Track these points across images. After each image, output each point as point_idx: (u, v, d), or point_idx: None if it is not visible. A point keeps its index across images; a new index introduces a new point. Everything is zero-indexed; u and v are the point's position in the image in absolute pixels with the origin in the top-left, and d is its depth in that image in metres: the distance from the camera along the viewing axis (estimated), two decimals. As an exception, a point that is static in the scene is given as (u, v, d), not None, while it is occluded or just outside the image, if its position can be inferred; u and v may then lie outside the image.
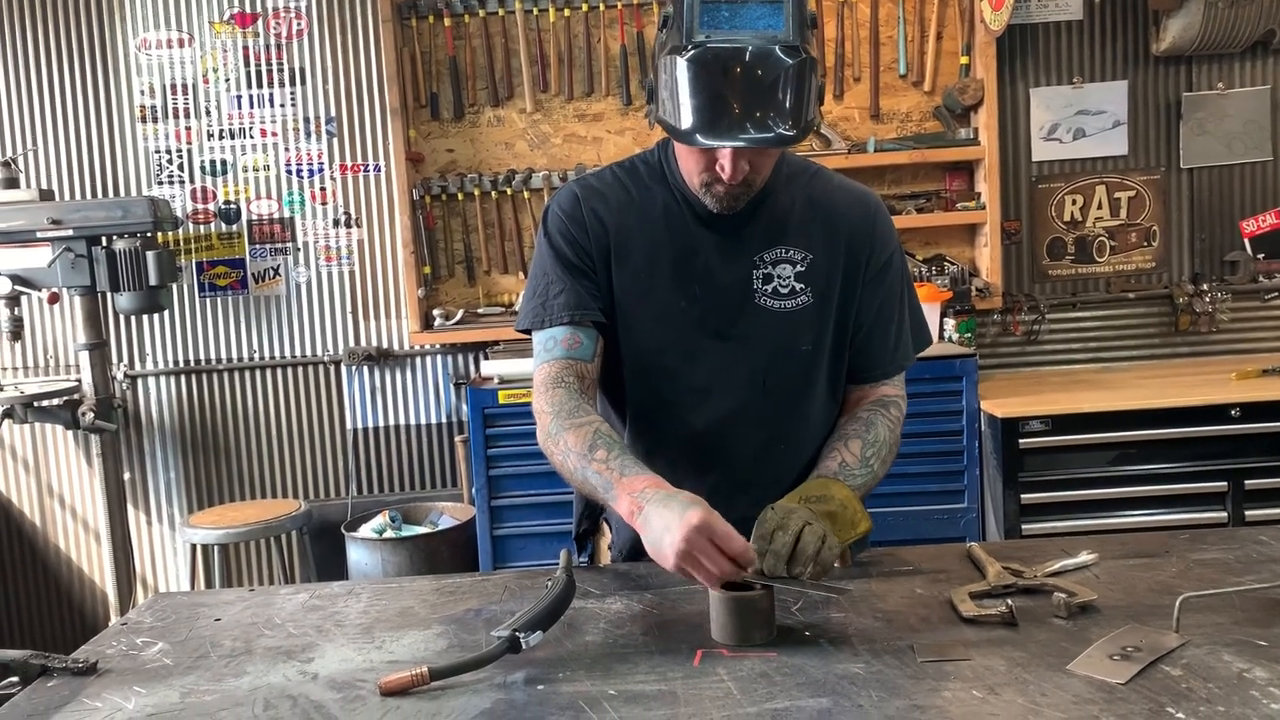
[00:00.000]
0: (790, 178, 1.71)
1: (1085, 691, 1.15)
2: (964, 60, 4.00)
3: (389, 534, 3.70)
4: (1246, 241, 4.10)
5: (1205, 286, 4.07)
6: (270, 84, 4.06)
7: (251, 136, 4.07)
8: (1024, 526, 3.41)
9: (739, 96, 1.45)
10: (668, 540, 1.35)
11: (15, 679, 1.36)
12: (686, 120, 1.47)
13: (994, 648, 1.28)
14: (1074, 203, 4.11)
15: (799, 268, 1.68)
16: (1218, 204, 4.12)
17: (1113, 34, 4.05)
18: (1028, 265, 4.13)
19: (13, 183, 3.70)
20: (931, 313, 3.73)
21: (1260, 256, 4.09)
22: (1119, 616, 1.37)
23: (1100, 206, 4.11)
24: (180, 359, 4.13)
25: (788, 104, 1.46)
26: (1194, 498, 3.41)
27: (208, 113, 4.06)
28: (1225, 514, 3.39)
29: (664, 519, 1.37)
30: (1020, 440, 3.39)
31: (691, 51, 1.45)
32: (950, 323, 3.84)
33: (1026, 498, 3.41)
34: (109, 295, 3.71)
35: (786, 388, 1.71)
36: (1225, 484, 3.39)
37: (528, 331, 1.71)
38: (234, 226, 4.09)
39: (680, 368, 1.70)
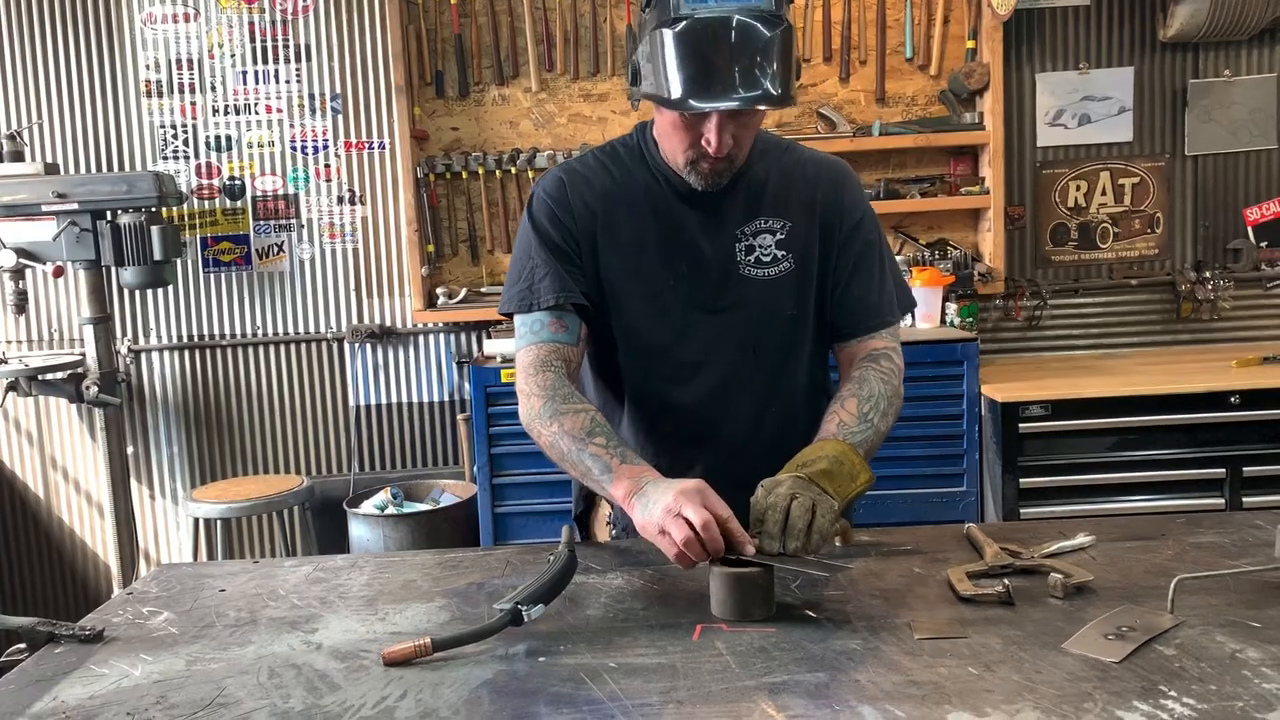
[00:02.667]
0: (763, 153, 1.77)
1: (1080, 669, 1.16)
2: (970, 44, 3.99)
3: (390, 510, 3.72)
4: (1250, 229, 4.10)
5: (1208, 274, 4.07)
6: (275, 60, 4.05)
7: (256, 112, 4.07)
8: (1022, 511, 3.43)
9: (727, 62, 1.50)
10: (660, 506, 1.39)
11: (23, 646, 1.38)
12: (677, 90, 1.52)
13: (990, 626, 1.30)
14: (1078, 188, 4.11)
15: (779, 235, 1.74)
16: (1222, 191, 4.11)
17: (1120, 20, 4.04)
18: (1031, 250, 4.14)
19: (18, 156, 3.71)
20: (934, 297, 3.74)
21: (1263, 244, 4.10)
22: (1115, 597, 1.39)
23: (1104, 193, 4.11)
24: (184, 334, 4.14)
25: (774, 68, 1.51)
26: (1192, 484, 3.43)
27: (213, 88, 4.06)
28: (1223, 500, 3.40)
29: (660, 493, 1.42)
30: (1020, 425, 3.40)
31: (680, 24, 1.50)
32: (952, 307, 3.84)
33: (1025, 482, 3.43)
34: (113, 270, 3.71)
35: (775, 353, 1.77)
36: (1224, 470, 3.40)
37: (509, 315, 1.75)
38: (238, 202, 4.10)
39: (673, 344, 1.74)
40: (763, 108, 1.55)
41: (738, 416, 1.77)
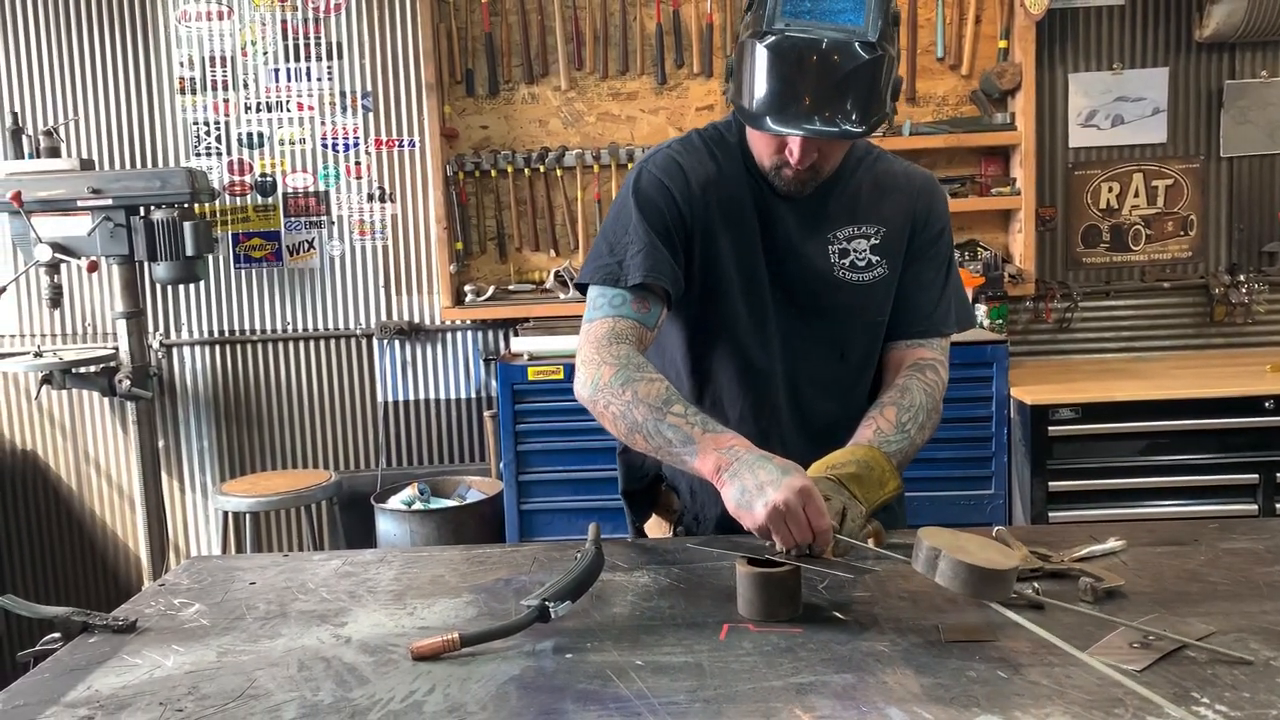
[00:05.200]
0: (858, 160, 1.76)
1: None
2: (1002, 44, 3.97)
3: (418, 506, 3.74)
4: (1286, 232, 4.05)
5: (1242, 277, 4.02)
6: (307, 58, 4.08)
7: (288, 110, 4.10)
8: (1051, 514, 3.40)
9: (810, 87, 1.49)
10: (763, 497, 1.35)
11: (58, 635, 1.40)
12: (757, 104, 1.52)
13: (1019, 630, 1.29)
14: (1110, 190, 4.07)
15: (873, 241, 1.73)
16: (1257, 194, 4.06)
17: (1155, 20, 4.00)
18: (1062, 252, 4.10)
19: (54, 152, 3.75)
20: (963, 298, 3.71)
21: (1300, 248, 4.05)
22: (1146, 602, 1.37)
23: (1137, 194, 4.07)
24: (215, 329, 4.18)
25: (858, 99, 1.49)
26: (1224, 489, 3.39)
27: (245, 86, 4.10)
28: (1256, 506, 3.36)
29: (759, 477, 1.38)
30: (1050, 428, 3.38)
31: (770, 38, 1.48)
32: (982, 309, 3.82)
33: (1055, 485, 3.40)
34: (146, 265, 3.75)
35: (861, 357, 1.78)
36: (1257, 476, 3.36)
37: (583, 288, 1.70)
38: (270, 199, 4.13)
39: (765, 340, 1.73)
40: (835, 139, 1.54)
41: (817, 418, 1.76)
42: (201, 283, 4.08)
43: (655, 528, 1.94)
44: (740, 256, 1.71)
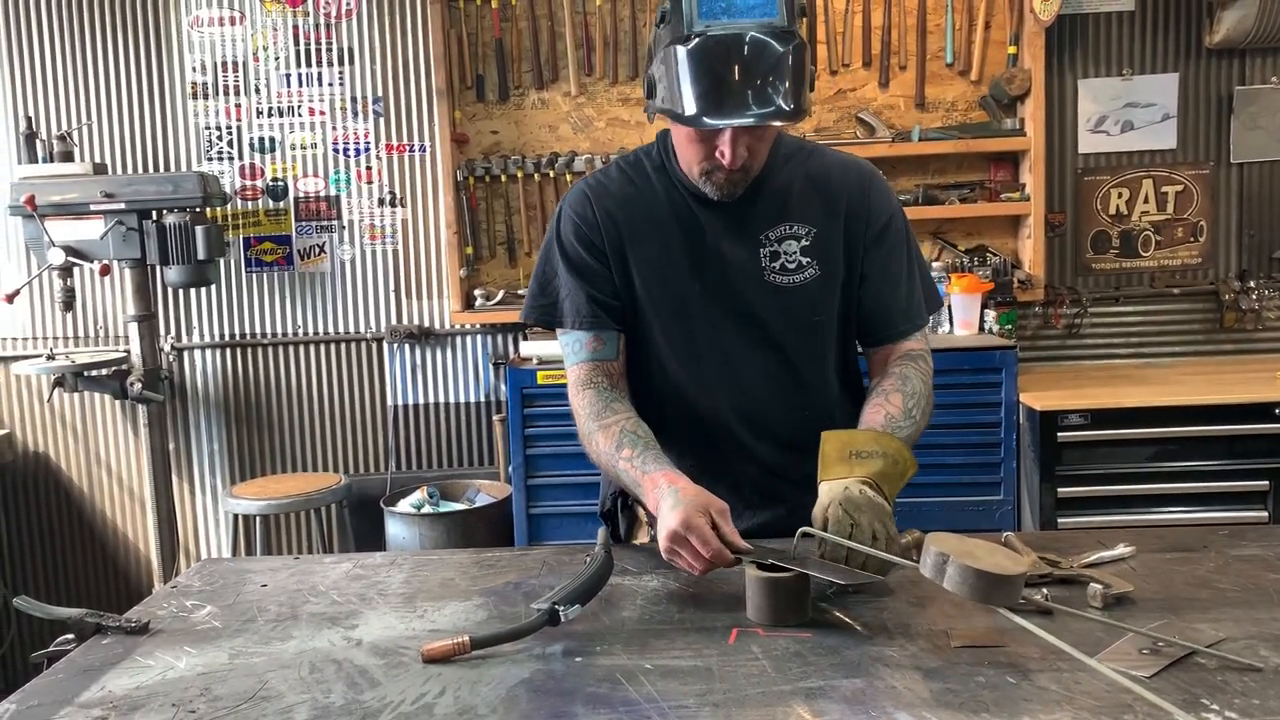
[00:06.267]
0: (788, 157, 1.77)
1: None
2: (1012, 50, 3.97)
3: (427, 509, 3.75)
4: (1296, 239, 4.04)
5: (1252, 284, 4.02)
6: (319, 63, 4.10)
7: (299, 115, 4.12)
8: (1060, 520, 3.39)
9: (740, 79, 1.52)
10: (661, 532, 1.45)
11: (71, 636, 1.41)
12: (691, 106, 1.54)
13: (1028, 635, 1.29)
14: (1120, 196, 4.06)
15: (804, 242, 1.74)
16: (1267, 200, 4.05)
17: (1164, 26, 4.00)
18: (1071, 258, 4.10)
19: (68, 156, 3.78)
20: (972, 304, 3.71)
21: (1310, 254, 4.03)
22: (1155, 609, 1.38)
23: (1147, 200, 4.06)
24: (226, 333, 4.20)
25: (786, 84, 1.53)
26: (1234, 496, 3.38)
27: (257, 90, 4.12)
28: (1266, 513, 3.35)
29: (662, 512, 1.47)
30: (1059, 434, 3.37)
31: (694, 41, 1.53)
32: (991, 314, 3.81)
33: (1063, 491, 3.39)
34: (158, 268, 3.77)
35: (803, 358, 1.78)
36: (1266, 483, 3.35)
37: (528, 324, 1.81)
38: (281, 203, 4.15)
39: (702, 350, 1.76)
40: (776, 123, 1.57)
41: (769, 421, 1.78)
42: (213, 286, 4.10)
43: (645, 534, 1.96)
44: (663, 271, 1.74)
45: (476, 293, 4.08)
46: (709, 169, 1.65)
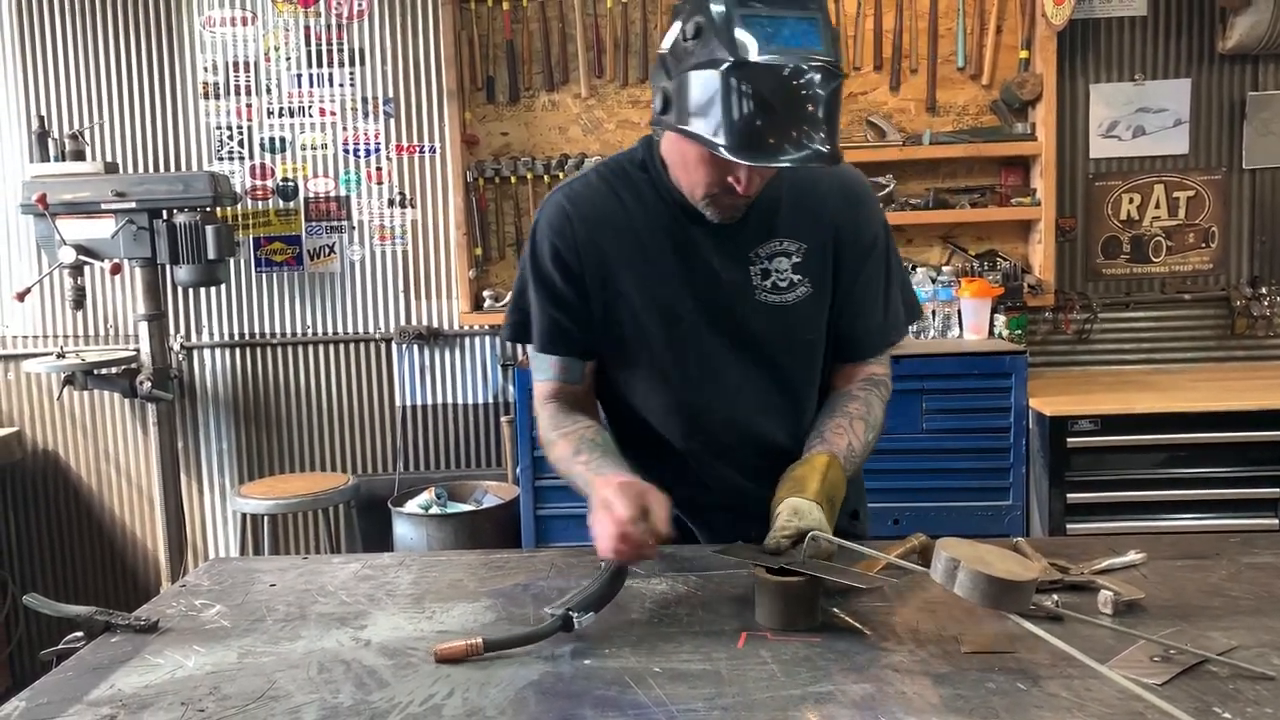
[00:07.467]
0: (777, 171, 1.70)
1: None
2: (1023, 54, 3.96)
3: (434, 510, 3.75)
4: (1309, 245, 4.02)
5: (1264, 290, 4.00)
6: (330, 64, 4.11)
7: (310, 115, 4.13)
8: (1069, 526, 3.39)
9: (781, 116, 1.41)
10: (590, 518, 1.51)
11: (80, 634, 1.41)
12: (723, 136, 1.42)
13: (1039, 642, 1.28)
14: (1131, 201, 4.05)
15: (795, 259, 1.68)
16: (1280, 206, 4.05)
17: (1177, 31, 3.99)
18: (1081, 263, 4.09)
19: (79, 155, 3.79)
20: (982, 309, 3.71)
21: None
22: (1166, 616, 1.37)
23: (1158, 206, 4.05)
24: (235, 332, 4.21)
25: (825, 123, 1.43)
26: (1245, 503, 3.37)
27: (268, 91, 4.13)
28: (1277, 521, 3.34)
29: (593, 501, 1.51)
30: (1068, 439, 3.36)
31: (734, 66, 1.39)
32: (1001, 319, 3.81)
33: (1073, 497, 3.39)
34: (169, 268, 3.78)
35: (796, 377, 1.75)
36: (1278, 490, 3.34)
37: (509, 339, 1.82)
38: (291, 204, 4.16)
39: (693, 369, 1.71)
40: (815, 165, 1.46)
41: (760, 439, 1.74)
42: (222, 286, 4.11)
43: None
44: (654, 290, 1.68)
45: (485, 294, 4.08)
46: (716, 193, 1.56)
